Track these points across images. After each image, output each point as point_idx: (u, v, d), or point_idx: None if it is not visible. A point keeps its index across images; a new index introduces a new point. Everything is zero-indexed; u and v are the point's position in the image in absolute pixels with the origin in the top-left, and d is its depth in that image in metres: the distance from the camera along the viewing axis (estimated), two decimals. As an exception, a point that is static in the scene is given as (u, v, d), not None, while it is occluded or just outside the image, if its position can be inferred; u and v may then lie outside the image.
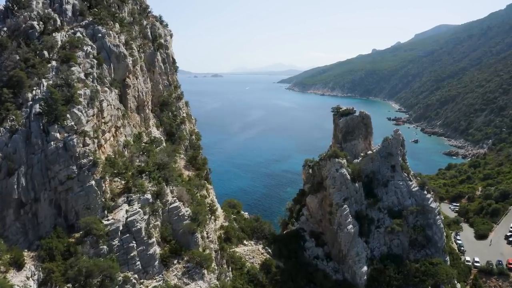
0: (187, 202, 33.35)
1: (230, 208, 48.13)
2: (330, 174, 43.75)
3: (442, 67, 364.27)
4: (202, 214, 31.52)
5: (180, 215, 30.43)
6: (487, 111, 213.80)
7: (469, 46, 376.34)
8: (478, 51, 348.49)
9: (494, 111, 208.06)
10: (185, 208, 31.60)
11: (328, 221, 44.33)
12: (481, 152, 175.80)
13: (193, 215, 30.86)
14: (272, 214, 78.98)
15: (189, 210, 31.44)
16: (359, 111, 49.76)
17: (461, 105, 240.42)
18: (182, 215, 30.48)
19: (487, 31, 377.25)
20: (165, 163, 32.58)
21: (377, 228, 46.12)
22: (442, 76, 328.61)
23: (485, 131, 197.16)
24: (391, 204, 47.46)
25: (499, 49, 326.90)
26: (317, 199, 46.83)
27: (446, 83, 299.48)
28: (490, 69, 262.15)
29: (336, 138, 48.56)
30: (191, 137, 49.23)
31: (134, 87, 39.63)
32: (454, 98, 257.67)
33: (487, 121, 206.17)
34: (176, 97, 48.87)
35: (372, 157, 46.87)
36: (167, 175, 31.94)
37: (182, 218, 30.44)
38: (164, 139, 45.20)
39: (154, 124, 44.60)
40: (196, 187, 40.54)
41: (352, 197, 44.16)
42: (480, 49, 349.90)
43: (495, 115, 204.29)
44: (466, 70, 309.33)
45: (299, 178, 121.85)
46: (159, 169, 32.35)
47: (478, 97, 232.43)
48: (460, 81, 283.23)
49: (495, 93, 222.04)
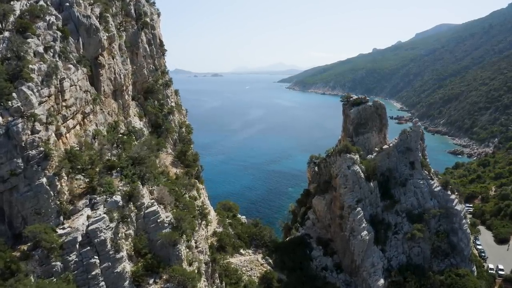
0: (169, 205, 27.13)
1: (225, 211, 41.80)
2: (341, 172, 37.59)
3: (444, 65, 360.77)
4: (187, 221, 25.26)
5: (159, 222, 24.18)
6: (491, 110, 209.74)
7: (471, 45, 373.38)
8: (480, 50, 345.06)
9: (499, 109, 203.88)
10: (165, 213, 25.36)
11: (339, 226, 38.14)
12: (486, 151, 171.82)
13: (176, 222, 24.62)
14: (272, 218, 72.43)
15: (170, 216, 25.20)
16: (372, 100, 43.65)
17: (464, 103, 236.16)
18: (161, 221, 24.24)
19: (489, 29, 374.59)
20: (142, 157, 26.34)
21: (395, 234, 39.98)
22: (444, 74, 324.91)
23: (490, 129, 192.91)
24: (410, 206, 41.32)
25: (502, 47, 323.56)
26: (325, 201, 40.65)
27: (448, 81, 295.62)
28: (494, 67, 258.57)
29: (346, 131, 42.44)
30: (181, 129, 43.00)
31: (110, 68, 33.36)
32: (457, 96, 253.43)
33: (492, 119, 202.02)
34: (163, 83, 42.65)
35: (389, 152, 40.74)
36: (144, 172, 25.70)
37: (161, 225, 24.19)
38: (148, 131, 39.03)
39: (137, 113, 38.36)
40: (184, 187, 34.33)
41: (366, 198, 38.00)
42: (482, 48, 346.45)
43: (500, 113, 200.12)
44: (469, 69, 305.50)
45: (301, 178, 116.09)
46: (134, 164, 26.12)
47: (482, 95, 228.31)
48: (463, 80, 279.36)
49: (499, 91, 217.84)
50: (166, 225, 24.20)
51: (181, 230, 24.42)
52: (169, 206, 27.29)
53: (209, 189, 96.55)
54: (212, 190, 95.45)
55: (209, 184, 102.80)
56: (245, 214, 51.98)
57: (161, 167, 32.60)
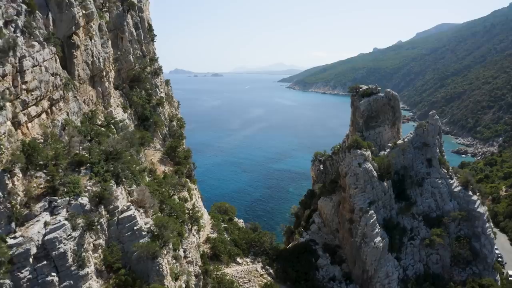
0: (152, 209, 22.80)
1: (220, 214, 37.37)
2: (350, 170, 33.25)
3: (445, 64, 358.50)
4: (171, 228, 20.87)
5: (136, 230, 19.80)
6: (495, 108, 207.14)
7: (472, 44, 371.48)
8: (482, 49, 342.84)
9: (502, 108, 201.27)
10: (144, 219, 21.00)
11: (348, 232, 33.79)
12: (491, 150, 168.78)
13: (157, 230, 20.25)
14: (273, 221, 67.65)
15: (150, 222, 20.83)
16: (384, 91, 39.34)
17: (467, 102, 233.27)
18: (138, 229, 19.85)
19: (490, 28, 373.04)
20: (119, 152, 21.97)
21: (411, 240, 35.65)
22: (445, 73, 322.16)
23: (494, 128, 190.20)
24: (427, 208, 37.01)
25: (504, 46, 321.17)
26: (332, 203, 36.31)
27: (450, 80, 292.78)
28: (496, 66, 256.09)
29: (355, 125, 38.14)
30: (171, 123, 38.65)
31: (87, 50, 28.97)
32: (460, 95, 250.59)
33: (495, 118, 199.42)
34: (151, 71, 38.28)
35: (404, 148, 36.41)
36: (120, 169, 21.33)
37: (138, 234, 19.81)
38: (134, 124, 34.68)
39: (120, 104, 33.97)
40: (173, 187, 29.99)
41: (379, 200, 33.67)
42: (484, 47, 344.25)
43: (504, 112, 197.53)
44: (471, 68, 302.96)
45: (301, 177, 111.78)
46: (108, 160, 21.76)
47: (485, 94, 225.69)
48: (465, 78, 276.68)
49: (503, 89, 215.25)
50: (144, 234, 19.85)
51: (163, 239, 20.07)
52: (151, 210, 22.93)
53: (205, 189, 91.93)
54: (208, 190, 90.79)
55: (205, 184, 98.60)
56: (242, 217, 47.58)
57: (146, 164, 28.25)
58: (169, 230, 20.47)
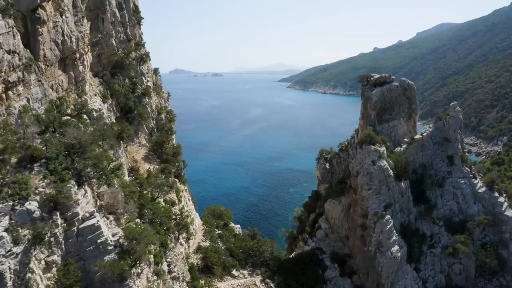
0: (125, 216, 18.49)
1: (214, 218, 32.98)
2: (363, 169, 28.98)
3: (446, 64, 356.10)
4: (145, 241, 16.51)
5: (100, 244, 15.46)
6: (498, 107, 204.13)
7: (474, 43, 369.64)
8: (483, 48, 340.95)
9: (506, 107, 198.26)
10: (113, 229, 16.67)
11: (360, 239, 29.50)
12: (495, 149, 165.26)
13: (127, 244, 15.92)
14: (273, 225, 62.85)
15: (119, 233, 16.50)
16: (399, 80, 35.11)
17: (470, 101, 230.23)
18: (103, 243, 15.51)
19: (492, 27, 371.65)
20: (83, 145, 17.65)
21: (431, 248, 31.36)
22: (447, 72, 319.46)
23: (498, 127, 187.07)
24: (448, 212, 32.73)
25: (505, 45, 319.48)
26: (341, 206, 32.02)
27: (452, 79, 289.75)
28: (499, 65, 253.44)
29: (366, 118, 33.91)
30: (159, 116, 34.35)
31: (56, 27, 24.62)
32: (462, 94, 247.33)
33: (499, 117, 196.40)
34: (137, 58, 34.00)
35: (423, 143, 32.14)
36: (83, 167, 17.02)
37: (103, 249, 15.48)
38: (115, 116, 30.38)
39: (100, 93, 29.64)
40: (158, 188, 25.68)
41: (396, 203, 29.38)
42: (485, 46, 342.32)
43: (508, 111, 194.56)
44: (472, 67, 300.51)
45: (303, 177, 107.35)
46: (69, 155, 17.45)
47: (488, 93, 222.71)
48: (468, 77, 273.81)
49: (506, 88, 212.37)
50: (110, 249, 15.55)
51: (135, 256, 15.77)
52: (124, 217, 18.62)
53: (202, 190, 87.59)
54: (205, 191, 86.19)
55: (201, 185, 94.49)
56: (240, 221, 43.24)
57: (123, 161, 23.90)
58: (143, 243, 16.11)
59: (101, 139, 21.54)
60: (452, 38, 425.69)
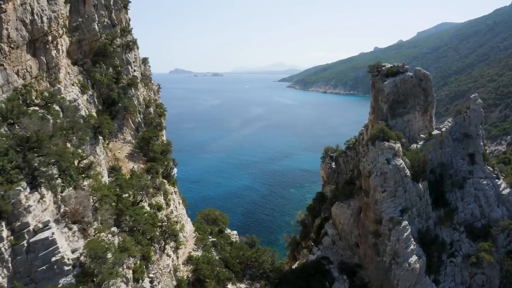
0: (93, 226, 15.09)
1: (208, 224, 29.51)
2: (376, 168, 25.59)
3: (448, 63, 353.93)
4: (112, 260, 13.06)
5: (54, 263, 12.07)
6: (501, 106, 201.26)
7: (475, 42, 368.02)
8: (484, 47, 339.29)
9: (509, 106, 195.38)
10: (74, 244, 13.25)
11: (373, 248, 26.10)
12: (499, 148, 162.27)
13: (89, 262, 12.50)
14: (274, 229, 58.96)
15: (80, 249, 13.07)
16: (414, 69, 31.76)
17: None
18: (58, 261, 12.10)
19: (493, 27, 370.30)
20: (40, 138, 14.25)
21: (451, 257, 27.96)
22: (448, 72, 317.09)
23: (501, 127, 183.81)
24: (469, 216, 29.35)
25: (507, 44, 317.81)
26: (350, 210, 28.62)
27: (453, 78, 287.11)
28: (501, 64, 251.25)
29: (377, 112, 30.54)
30: (147, 109, 30.93)
31: (24, 4, 21.27)
32: (464, 93, 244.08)
33: (502, 116, 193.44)
34: (122, 45, 30.60)
35: (441, 139, 28.77)
36: (39, 165, 13.62)
37: (58, 269, 12.08)
38: (96, 109, 26.96)
39: (79, 82, 26.22)
40: (142, 190, 22.27)
41: (413, 207, 25.99)
42: (486, 45, 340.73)
43: (511, 110, 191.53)
44: (474, 66, 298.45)
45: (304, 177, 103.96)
46: (23, 151, 14.05)
47: (491, 92, 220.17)
48: (469, 76, 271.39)
49: (509, 87, 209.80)
50: (67, 269, 12.19)
51: (99, 279, 12.37)
52: (93, 226, 15.24)
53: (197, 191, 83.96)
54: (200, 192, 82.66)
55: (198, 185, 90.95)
56: (237, 227, 39.68)
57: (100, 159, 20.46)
58: (109, 263, 12.67)
59: (72, 133, 18.12)
60: (453, 38, 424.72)
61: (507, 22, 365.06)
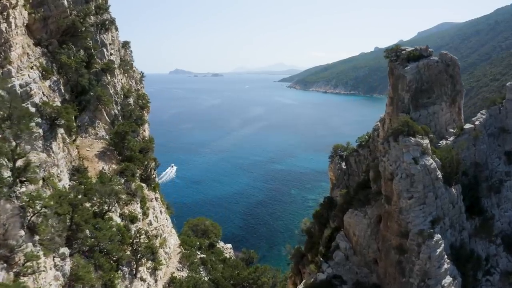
0: (18, 251, 10.55)
1: (197, 236, 24.76)
2: (400, 169, 21.00)
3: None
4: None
5: None
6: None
7: (476, 42, 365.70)
8: (486, 46, 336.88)
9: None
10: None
11: (396, 266, 21.47)
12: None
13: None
14: (274, 238, 52.43)
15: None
16: (439, 53, 27.26)
17: (476, 99, 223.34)
18: None
19: (494, 26, 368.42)
20: None
21: (487, 275, 23.33)
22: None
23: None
24: (507, 226, 24.76)
25: (509, 44, 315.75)
26: (367, 220, 24.00)
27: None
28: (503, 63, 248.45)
29: (397, 103, 25.96)
30: (126, 100, 26.32)
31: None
32: (467, 92, 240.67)
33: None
34: (97, 24, 26.04)
35: (476, 135, 24.22)
36: None
37: None
38: (62, 98, 22.34)
39: (40, 65, 21.60)
40: (110, 197, 17.67)
41: (446, 216, 21.40)
42: (488, 44, 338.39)
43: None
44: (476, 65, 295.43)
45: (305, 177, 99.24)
46: None
47: (495, 91, 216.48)
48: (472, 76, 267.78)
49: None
50: None
51: None
52: (24, 251, 10.70)
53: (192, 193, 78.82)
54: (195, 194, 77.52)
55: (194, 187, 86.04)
56: (231, 238, 34.42)
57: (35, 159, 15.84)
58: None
59: (8, 124, 13.53)
60: (454, 37, 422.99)
61: (509, 21, 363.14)
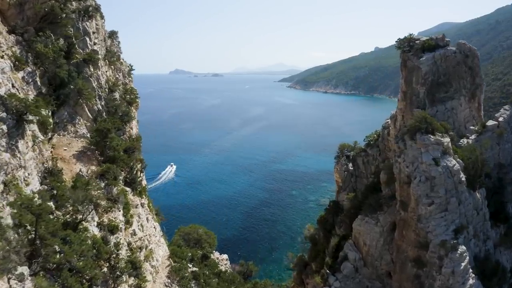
0: None
1: (189, 246, 22.19)
2: (419, 171, 18.53)
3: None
4: None
5: None
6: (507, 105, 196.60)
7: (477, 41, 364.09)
8: (487, 46, 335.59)
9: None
10: None
11: (413, 281, 18.97)
12: None
13: None
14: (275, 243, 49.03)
15: None
16: (456, 43, 24.83)
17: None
18: None
19: (495, 26, 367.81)
20: None
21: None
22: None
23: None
24: (534, 234, 22.22)
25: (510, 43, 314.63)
26: (380, 228, 21.51)
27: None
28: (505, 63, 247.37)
29: (410, 98, 23.46)
30: (111, 94, 23.86)
31: None
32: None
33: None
34: (79, 10, 23.59)
35: (500, 133, 21.78)
36: None
37: None
38: (37, 91, 19.86)
39: (13, 55, 19.12)
40: (87, 204, 15.22)
41: (469, 224, 18.92)
42: (489, 44, 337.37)
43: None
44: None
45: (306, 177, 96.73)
46: None
47: (496, 91, 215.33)
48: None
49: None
50: None
51: None
52: None
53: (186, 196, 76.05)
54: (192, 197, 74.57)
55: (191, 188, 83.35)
56: (227, 247, 31.59)
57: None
58: None
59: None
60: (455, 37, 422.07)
61: (510, 21, 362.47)
